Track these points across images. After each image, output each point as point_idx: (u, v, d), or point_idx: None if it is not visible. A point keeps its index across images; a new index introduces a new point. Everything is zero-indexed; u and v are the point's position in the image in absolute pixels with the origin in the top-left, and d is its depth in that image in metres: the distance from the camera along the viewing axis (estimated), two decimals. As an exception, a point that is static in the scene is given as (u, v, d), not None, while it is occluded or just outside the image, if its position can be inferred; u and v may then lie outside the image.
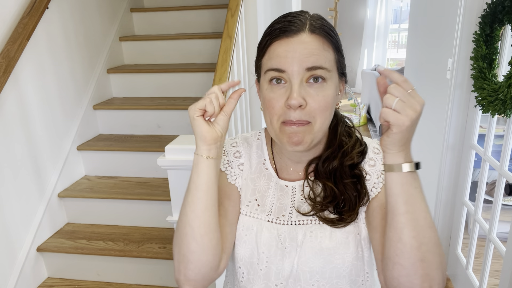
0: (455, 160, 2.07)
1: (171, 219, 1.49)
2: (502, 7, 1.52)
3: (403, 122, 0.60)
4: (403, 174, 0.65)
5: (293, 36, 0.71)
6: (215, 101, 0.71)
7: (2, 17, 1.85)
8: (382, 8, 7.03)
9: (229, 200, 0.84)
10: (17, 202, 1.90)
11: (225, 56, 1.83)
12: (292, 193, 0.84)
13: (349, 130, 0.85)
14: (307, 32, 0.71)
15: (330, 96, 0.73)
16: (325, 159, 0.81)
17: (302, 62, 0.70)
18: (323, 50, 0.72)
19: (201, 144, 0.72)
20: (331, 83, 0.73)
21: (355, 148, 0.81)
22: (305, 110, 0.71)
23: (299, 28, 0.71)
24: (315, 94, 0.71)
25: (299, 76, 0.70)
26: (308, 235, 0.79)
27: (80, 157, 2.37)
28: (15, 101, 1.90)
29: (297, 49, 0.70)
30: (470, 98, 1.91)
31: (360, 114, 5.46)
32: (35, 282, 2.01)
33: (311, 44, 0.71)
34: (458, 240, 2.14)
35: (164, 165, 1.41)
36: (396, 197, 0.66)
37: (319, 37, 0.72)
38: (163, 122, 2.50)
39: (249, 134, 0.92)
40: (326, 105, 0.72)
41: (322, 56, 0.71)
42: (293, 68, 0.70)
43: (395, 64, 7.71)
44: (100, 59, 2.61)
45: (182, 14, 2.94)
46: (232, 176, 0.86)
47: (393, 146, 0.63)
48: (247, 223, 0.83)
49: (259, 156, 0.88)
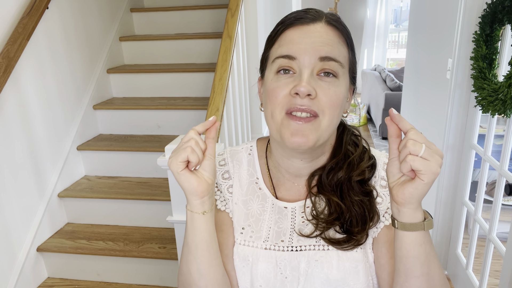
0: (455, 160, 2.07)
1: (171, 219, 1.49)
2: (502, 7, 1.52)
3: (435, 169, 0.54)
4: (422, 233, 0.58)
5: (308, 24, 0.66)
6: (196, 148, 0.63)
7: (2, 17, 1.85)
8: (382, 8, 7.03)
9: (222, 232, 0.76)
10: (17, 202, 1.90)
11: (225, 56, 1.83)
12: (292, 215, 0.75)
13: (356, 139, 0.76)
14: (324, 22, 0.67)
15: (342, 93, 0.66)
16: (329, 169, 0.72)
17: (315, 51, 0.64)
18: (338, 43, 0.67)
19: (193, 199, 0.65)
20: (343, 81, 0.67)
21: (363, 160, 0.73)
22: (314, 101, 0.64)
23: (316, 17, 0.67)
24: (326, 87, 0.65)
25: (310, 66, 0.64)
26: (313, 264, 0.71)
27: (80, 157, 2.37)
28: (15, 101, 1.90)
29: (311, 36, 0.65)
30: (470, 98, 1.91)
31: (360, 114, 5.46)
32: (35, 282, 2.01)
33: (327, 34, 0.66)
34: (458, 240, 2.14)
35: (164, 165, 1.41)
36: (413, 259, 0.60)
37: (336, 30, 0.67)
38: (163, 122, 2.50)
39: (240, 147, 0.82)
40: (337, 101, 0.65)
41: (337, 49, 0.66)
42: (304, 56, 0.64)
43: (395, 64, 7.71)
44: (100, 59, 2.61)
45: (182, 14, 2.94)
46: (222, 202, 0.78)
47: (416, 200, 0.57)
48: (242, 253, 0.75)
49: (250, 175, 0.78)
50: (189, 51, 2.79)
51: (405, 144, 0.55)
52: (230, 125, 1.90)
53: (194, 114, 2.43)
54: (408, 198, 0.57)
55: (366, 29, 7.24)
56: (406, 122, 0.56)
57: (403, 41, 7.85)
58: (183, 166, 0.63)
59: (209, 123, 0.64)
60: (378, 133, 4.92)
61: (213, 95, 1.70)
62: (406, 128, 0.56)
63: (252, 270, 0.73)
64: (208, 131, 0.65)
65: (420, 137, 0.55)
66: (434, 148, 0.55)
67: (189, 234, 0.67)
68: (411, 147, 0.54)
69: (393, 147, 0.58)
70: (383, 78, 5.18)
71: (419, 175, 0.55)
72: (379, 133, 4.84)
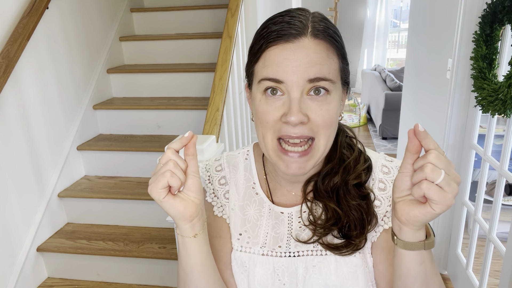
0: (455, 160, 2.07)
1: (171, 219, 1.49)
2: (502, 7, 1.52)
3: (450, 202, 0.49)
4: (423, 252, 0.56)
5: (293, 41, 0.60)
6: (176, 170, 0.58)
7: (2, 17, 1.85)
8: (382, 8, 7.04)
9: (219, 239, 0.75)
10: (17, 202, 1.90)
11: (225, 56, 1.83)
12: (288, 221, 0.73)
13: (350, 142, 0.73)
14: (310, 36, 0.60)
15: (335, 109, 0.63)
16: (325, 175, 0.70)
17: (303, 73, 0.59)
18: (327, 58, 0.61)
19: (182, 223, 0.60)
20: (335, 94, 0.63)
21: (359, 163, 0.70)
22: (307, 126, 0.61)
23: (300, 32, 0.60)
24: (318, 108, 0.61)
25: (299, 88, 0.60)
26: (311, 269, 0.69)
27: (80, 157, 2.37)
28: (15, 101, 1.90)
29: (298, 57, 0.59)
30: (470, 98, 1.91)
31: (360, 114, 5.47)
32: (35, 282, 2.01)
33: (314, 51, 0.60)
34: (458, 240, 2.14)
35: (164, 165, 1.41)
36: (413, 278, 0.58)
37: (323, 42, 0.61)
38: (163, 122, 2.50)
39: (236, 152, 0.81)
40: (330, 119, 0.62)
41: (326, 66, 0.61)
42: (292, 79, 0.60)
43: (395, 64, 7.72)
44: (100, 59, 2.61)
45: (182, 14, 2.94)
46: (219, 208, 0.77)
47: (420, 223, 0.53)
48: (239, 259, 0.73)
49: (247, 180, 0.77)
50: (189, 51, 2.79)
51: (423, 167, 0.50)
52: (230, 125, 1.90)
53: (194, 114, 2.43)
54: (412, 220, 0.53)
55: (366, 29, 7.24)
56: (431, 140, 0.51)
57: (403, 41, 7.85)
58: (165, 192, 0.58)
59: (185, 139, 0.59)
60: (378, 133, 4.92)
61: (213, 95, 1.70)
62: (429, 147, 0.50)
63: (250, 276, 0.72)
64: (186, 148, 0.60)
65: (441, 161, 0.49)
66: (452, 174, 0.50)
67: (182, 258, 0.64)
68: (429, 173, 0.49)
69: (408, 162, 0.53)
70: (383, 78, 5.18)
71: (431, 204, 0.50)
72: (379, 133, 4.84)
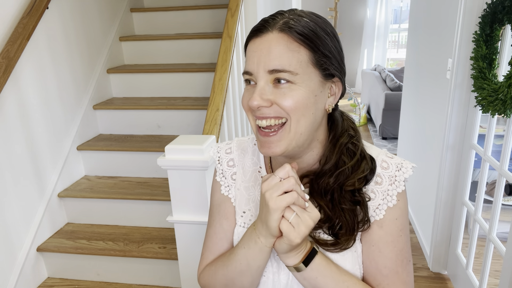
0: (455, 160, 2.07)
1: (171, 219, 1.49)
2: (502, 7, 1.52)
3: (295, 239, 0.64)
4: (308, 269, 0.69)
5: (261, 36, 0.67)
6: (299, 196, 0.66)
7: (2, 17, 1.85)
8: (382, 8, 7.04)
9: (227, 220, 0.84)
10: (17, 202, 1.90)
11: (225, 56, 1.83)
12: None
13: (353, 148, 0.74)
14: (276, 31, 0.66)
15: (301, 96, 0.66)
16: (320, 176, 0.73)
17: (264, 64, 0.66)
18: (289, 50, 0.65)
19: (271, 238, 0.69)
20: (303, 84, 0.66)
21: (357, 170, 0.72)
22: (273, 108, 0.67)
23: (267, 27, 0.67)
24: (281, 95, 0.66)
25: (263, 78, 0.67)
26: None
27: (80, 157, 2.37)
28: (15, 101, 1.90)
29: (262, 49, 0.66)
30: (470, 98, 1.91)
31: (360, 114, 5.47)
32: (35, 282, 2.01)
33: (276, 44, 0.65)
34: (458, 240, 2.15)
35: (164, 165, 1.41)
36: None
37: (287, 36, 0.65)
38: (163, 122, 2.50)
39: (246, 138, 0.88)
40: (297, 103, 0.66)
41: (286, 58, 0.65)
42: (256, 70, 0.67)
43: (395, 64, 7.72)
44: (100, 59, 2.61)
45: (182, 14, 2.94)
46: (226, 187, 0.84)
47: (287, 252, 0.68)
48: (242, 234, 0.80)
49: (254, 164, 0.84)
50: (189, 51, 2.79)
51: None
52: (230, 125, 1.90)
53: (194, 114, 2.43)
54: (278, 250, 0.69)
55: (366, 29, 7.24)
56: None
57: (403, 41, 7.85)
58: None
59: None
60: (378, 133, 4.92)
61: (213, 95, 1.70)
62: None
63: None
64: None
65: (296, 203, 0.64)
66: (305, 217, 0.65)
67: (252, 258, 0.73)
68: (285, 213, 0.65)
69: None
70: (383, 78, 5.18)
71: (283, 237, 0.65)
72: (379, 133, 4.84)
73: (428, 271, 2.33)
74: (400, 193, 0.73)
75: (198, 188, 1.43)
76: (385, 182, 0.73)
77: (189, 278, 1.56)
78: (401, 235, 0.73)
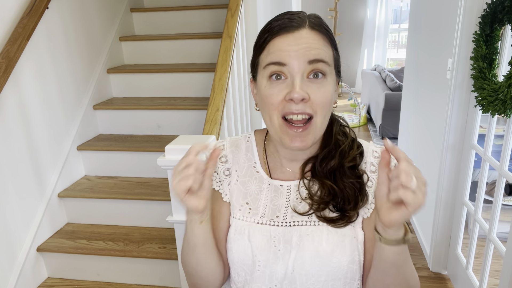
0: (455, 160, 2.07)
1: (171, 219, 1.49)
2: (502, 7, 1.52)
3: (421, 202, 0.60)
4: (401, 245, 0.67)
5: (293, 32, 0.71)
6: (197, 174, 0.68)
7: (2, 17, 1.85)
8: (382, 8, 7.03)
9: (215, 220, 0.85)
10: (17, 202, 1.90)
11: (225, 56, 1.83)
12: (287, 193, 0.82)
13: (344, 130, 0.83)
14: (308, 28, 0.71)
15: (330, 92, 0.73)
16: (322, 158, 0.79)
17: (304, 55, 0.69)
18: (324, 45, 0.72)
19: (193, 214, 0.73)
20: (331, 79, 0.73)
21: (353, 148, 0.80)
22: (308, 104, 0.70)
23: (299, 24, 0.71)
24: (316, 90, 0.70)
25: (300, 70, 0.70)
26: (304, 238, 0.77)
27: (80, 157, 2.37)
28: (15, 101, 1.90)
29: (299, 42, 0.70)
30: (470, 98, 1.91)
31: (360, 114, 5.46)
32: (35, 282, 2.01)
33: (313, 38, 0.71)
34: (458, 240, 2.14)
35: (164, 165, 1.41)
36: (391, 264, 0.70)
37: (319, 33, 0.72)
38: (163, 122, 2.50)
39: (238, 136, 0.91)
40: (327, 100, 0.72)
41: (323, 51, 0.71)
42: (294, 62, 0.69)
43: (395, 64, 7.71)
44: (100, 59, 2.61)
45: (182, 14, 2.94)
46: (217, 182, 0.86)
47: (401, 223, 0.64)
48: (239, 226, 0.81)
49: (249, 159, 0.86)
50: (189, 51, 2.79)
51: (398, 175, 0.59)
52: (230, 125, 1.90)
53: (194, 114, 2.43)
54: (394, 222, 0.63)
55: (366, 29, 7.24)
56: (399, 151, 0.61)
57: (403, 41, 7.85)
58: (185, 192, 0.69)
59: (206, 146, 0.70)
60: (378, 133, 4.92)
61: (213, 95, 1.70)
62: (399, 157, 0.61)
63: (250, 241, 0.80)
64: (211, 156, 0.71)
65: (411, 168, 0.60)
66: (420, 179, 0.60)
67: (188, 236, 0.77)
68: (404, 179, 0.59)
69: (382, 174, 0.64)
70: (383, 78, 5.18)
71: (407, 205, 0.60)
72: (379, 133, 4.84)
73: (428, 271, 2.33)
74: None
75: (198, 188, 1.43)
76: None
77: (189, 278, 1.56)
78: None
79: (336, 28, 6.90)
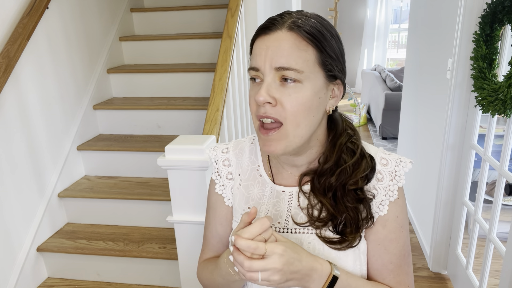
0: (455, 160, 2.07)
1: (171, 219, 1.49)
2: (502, 7, 1.52)
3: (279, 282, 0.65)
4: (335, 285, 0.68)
5: (269, 34, 0.68)
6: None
7: (2, 17, 1.85)
8: (382, 8, 7.03)
9: (221, 226, 0.86)
10: (17, 202, 1.90)
11: (225, 56, 1.83)
12: (289, 199, 0.79)
13: (353, 147, 0.75)
14: (285, 29, 0.67)
15: (306, 98, 0.67)
16: (321, 174, 0.74)
17: (271, 61, 0.66)
18: (297, 49, 0.66)
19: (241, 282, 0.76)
20: (309, 85, 0.67)
21: (358, 168, 0.73)
22: (276, 109, 0.68)
23: (277, 26, 0.67)
24: (287, 94, 0.67)
25: (270, 74, 0.67)
26: (306, 246, 0.75)
27: (80, 157, 2.37)
28: (15, 101, 1.90)
29: (270, 46, 0.67)
30: (470, 98, 1.91)
31: (360, 114, 5.46)
32: (35, 282, 2.01)
33: (285, 42, 0.66)
34: (458, 240, 2.14)
35: (164, 165, 1.41)
36: None
37: (295, 35, 0.66)
38: (163, 122, 2.50)
39: (243, 139, 0.89)
40: (300, 106, 0.67)
41: (294, 57, 0.66)
42: (265, 66, 0.67)
43: (395, 64, 7.71)
44: (100, 59, 2.61)
45: (182, 14, 2.94)
46: (220, 186, 0.86)
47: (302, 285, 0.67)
48: None
49: (252, 162, 0.84)
50: (189, 51, 2.79)
51: None
52: (230, 125, 1.90)
53: (194, 114, 2.43)
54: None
55: (366, 29, 7.24)
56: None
57: (403, 41, 7.85)
58: None
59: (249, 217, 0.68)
60: (378, 133, 4.92)
61: (213, 95, 1.70)
62: None
63: None
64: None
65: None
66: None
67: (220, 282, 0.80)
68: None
69: None
70: (383, 78, 5.18)
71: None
72: (379, 133, 4.84)
73: (428, 271, 2.33)
74: (400, 187, 0.76)
75: (198, 188, 1.43)
76: (386, 178, 0.75)
77: (189, 278, 1.56)
78: (402, 231, 0.76)
79: (336, 28, 6.90)
